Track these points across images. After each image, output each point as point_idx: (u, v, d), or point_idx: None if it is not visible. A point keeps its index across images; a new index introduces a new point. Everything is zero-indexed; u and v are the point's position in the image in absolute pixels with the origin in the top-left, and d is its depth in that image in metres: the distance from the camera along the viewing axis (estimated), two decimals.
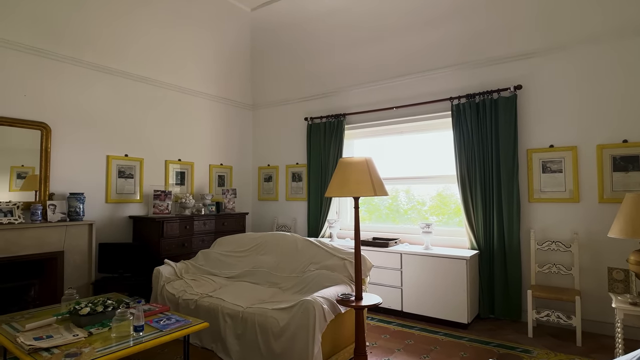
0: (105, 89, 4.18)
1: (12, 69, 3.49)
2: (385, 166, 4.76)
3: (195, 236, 4.50)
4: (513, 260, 3.70)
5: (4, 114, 3.44)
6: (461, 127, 4.02)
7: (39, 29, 3.62)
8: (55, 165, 3.77)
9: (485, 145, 3.89)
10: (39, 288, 3.51)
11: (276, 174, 5.68)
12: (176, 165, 4.92)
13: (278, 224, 5.54)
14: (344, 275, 3.00)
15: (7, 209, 3.34)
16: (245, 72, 5.74)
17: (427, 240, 3.91)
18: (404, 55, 4.43)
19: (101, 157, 4.15)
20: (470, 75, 4.08)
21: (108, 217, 4.18)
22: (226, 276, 3.63)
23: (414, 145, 4.58)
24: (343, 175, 2.42)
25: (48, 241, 3.48)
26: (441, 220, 4.38)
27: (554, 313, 3.23)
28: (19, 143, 3.54)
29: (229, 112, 5.65)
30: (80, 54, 3.94)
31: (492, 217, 3.83)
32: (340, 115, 4.90)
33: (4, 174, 3.47)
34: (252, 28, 5.32)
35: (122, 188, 4.33)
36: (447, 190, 4.38)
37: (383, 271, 3.93)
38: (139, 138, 4.50)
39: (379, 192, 2.37)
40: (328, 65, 5.04)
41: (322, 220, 4.96)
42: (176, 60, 4.81)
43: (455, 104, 4.07)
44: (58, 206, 3.63)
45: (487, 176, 3.88)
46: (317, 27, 4.85)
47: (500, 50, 3.87)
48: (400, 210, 4.68)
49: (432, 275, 3.67)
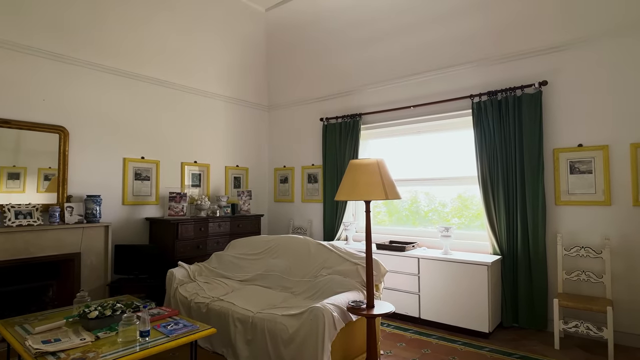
0: (122, 93, 4.23)
1: (32, 74, 3.57)
2: (403, 167, 4.61)
3: (210, 238, 4.50)
4: (538, 266, 3.49)
5: (24, 118, 3.52)
6: (482, 126, 3.84)
7: (58, 34, 3.69)
8: (73, 167, 3.83)
9: (508, 145, 3.69)
10: (57, 289, 3.57)
11: (292, 176, 5.62)
12: (192, 167, 4.94)
13: (294, 226, 5.48)
14: (357, 281, 2.90)
15: (27, 211, 3.42)
16: (261, 73, 5.71)
17: (446, 245, 3.75)
18: (422, 52, 4.28)
19: (118, 160, 4.19)
20: (492, 72, 3.89)
21: (125, 219, 4.23)
22: (238, 279, 3.59)
23: (433, 145, 4.42)
24: (353, 177, 2.32)
25: (65, 243, 3.53)
26: (463, 222, 4.20)
27: (583, 324, 3.02)
28: (41, 146, 3.62)
29: (245, 114, 5.64)
30: (98, 59, 4.00)
31: (516, 220, 3.64)
32: (356, 115, 4.79)
33: (32, 175, 3.57)
34: (267, 28, 5.29)
35: (138, 190, 4.37)
36: (469, 191, 4.19)
37: (400, 276, 3.80)
38: (156, 140, 4.54)
39: (391, 196, 2.25)
40: (344, 64, 4.94)
41: (338, 222, 4.86)
42: (192, 62, 4.83)
43: (475, 101, 3.89)
44: (75, 208, 3.69)
45: (510, 177, 3.68)
46: (332, 25, 4.76)
47: (524, 45, 3.67)
48: (420, 212, 4.52)
49: (451, 282, 3.51)
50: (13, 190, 3.47)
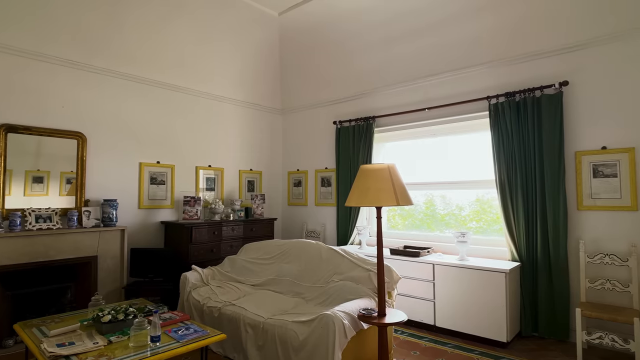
0: (138, 99, 4.30)
1: (51, 81, 3.67)
2: (418, 170, 4.53)
3: (224, 242, 4.52)
4: (559, 274, 3.36)
5: (44, 125, 3.62)
6: (500, 128, 3.73)
7: (76, 43, 3.78)
8: (91, 172, 3.91)
9: (527, 148, 3.58)
10: (75, 291, 3.65)
11: (305, 179, 5.61)
12: (207, 171, 4.98)
13: (307, 230, 5.46)
14: (369, 287, 2.85)
15: (47, 215, 3.50)
16: (274, 76, 5.72)
17: (462, 251, 3.65)
18: (436, 53, 4.20)
19: (134, 164, 4.26)
20: (509, 72, 3.78)
21: (140, 223, 4.29)
22: (251, 284, 3.58)
23: (449, 147, 4.32)
24: (364, 183, 2.28)
25: (83, 246, 3.61)
26: (481, 227, 4.09)
27: (607, 335, 2.88)
28: (61, 151, 3.71)
29: (259, 117, 5.66)
30: (115, 66, 4.08)
31: (536, 225, 3.51)
32: (370, 117, 4.74)
33: (55, 179, 3.67)
34: (280, 32, 5.30)
35: (154, 194, 4.43)
36: (487, 195, 4.08)
37: (414, 282, 3.72)
38: (171, 145, 4.60)
39: (402, 202, 2.20)
40: (357, 67, 4.90)
41: (351, 226, 4.81)
42: (206, 68, 4.87)
43: (493, 103, 3.79)
44: (92, 212, 3.77)
45: (530, 181, 3.56)
46: (345, 28, 4.73)
47: (543, 44, 3.55)
48: (436, 216, 4.43)
49: (467, 289, 3.41)
50: (37, 194, 3.58)
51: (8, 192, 3.41)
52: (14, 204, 3.43)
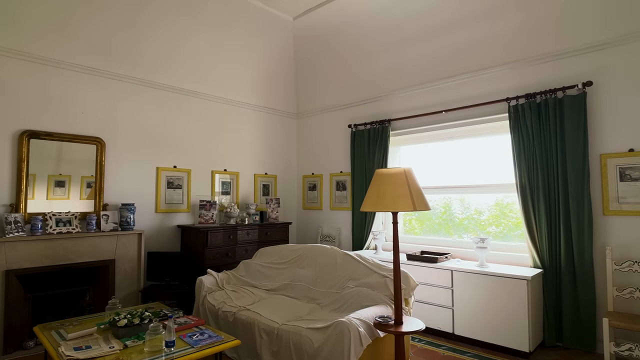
0: (156, 104, 4.36)
1: (73, 88, 3.75)
2: (435, 174, 4.45)
3: (239, 246, 4.52)
4: (584, 281, 3.23)
5: (65, 131, 3.70)
6: (520, 131, 3.62)
7: (96, 51, 3.86)
8: (109, 177, 3.97)
9: (548, 151, 3.46)
10: (93, 294, 3.70)
11: (320, 183, 5.58)
12: (222, 175, 5.01)
13: (322, 234, 5.42)
14: (385, 294, 2.79)
15: (67, 219, 3.57)
16: (289, 80, 5.73)
17: (481, 257, 3.55)
18: (453, 54, 4.12)
19: (151, 169, 4.31)
20: (530, 73, 3.68)
21: (157, 227, 4.33)
22: (265, 288, 3.56)
23: (467, 150, 4.23)
24: (379, 188, 2.23)
25: (101, 249, 3.66)
26: (500, 231, 3.97)
27: (638, 347, 2.74)
28: (81, 155, 3.79)
29: (274, 121, 5.67)
30: (133, 72, 4.15)
31: (559, 231, 3.39)
32: (385, 121, 4.68)
33: (75, 183, 3.75)
34: (294, 37, 5.30)
35: (170, 198, 4.47)
36: (507, 198, 3.96)
37: (432, 289, 3.64)
38: (187, 149, 4.64)
39: (419, 207, 2.14)
40: (372, 70, 4.85)
41: (367, 231, 4.75)
42: (222, 73, 4.91)
43: (512, 105, 3.69)
44: (111, 216, 3.82)
45: (552, 185, 3.44)
46: (360, 31, 4.70)
47: (565, 43, 3.44)
48: (455, 220, 4.33)
49: (487, 296, 3.31)
50: (59, 197, 3.65)
51: (31, 195, 3.49)
52: (37, 208, 3.51)
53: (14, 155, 3.43)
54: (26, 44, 3.47)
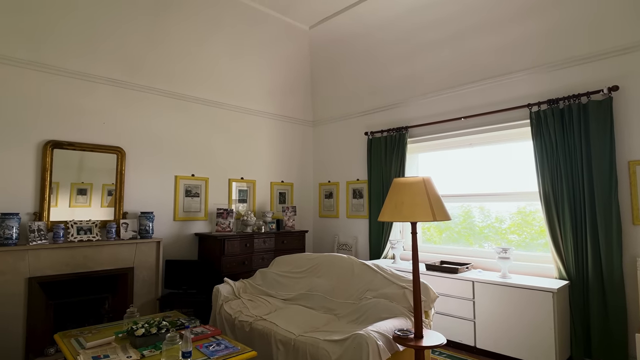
0: (174, 114, 4.43)
1: (94, 99, 3.84)
2: (455, 182, 4.36)
3: (255, 254, 4.51)
4: (614, 294, 3.08)
5: (86, 141, 3.78)
6: (543, 138, 3.52)
7: (118, 62, 3.95)
8: (129, 185, 4.04)
9: (573, 158, 3.34)
10: (112, 301, 3.74)
11: (336, 191, 5.54)
12: (239, 183, 5.03)
13: (339, 243, 5.37)
14: (404, 306, 2.72)
15: (87, 227, 3.63)
16: (305, 89, 5.74)
17: (504, 267, 3.44)
18: (472, 60, 4.05)
19: (170, 178, 4.37)
20: (552, 78, 3.58)
21: (175, 235, 4.37)
22: (282, 298, 3.53)
23: (487, 158, 4.13)
24: (397, 197, 2.19)
25: (120, 257, 3.70)
26: (523, 240, 3.85)
27: None
28: (102, 164, 3.87)
29: (290, 130, 5.69)
30: (153, 83, 4.23)
31: (585, 241, 3.26)
32: (402, 128, 4.63)
33: (97, 191, 3.83)
34: (310, 45, 5.32)
35: (188, 206, 4.51)
36: (529, 206, 3.84)
37: (452, 300, 3.54)
38: (205, 158, 4.69)
39: (439, 217, 2.09)
40: (389, 76, 4.82)
41: (384, 240, 4.68)
42: (239, 82, 4.96)
43: (534, 111, 3.59)
44: (130, 224, 3.87)
45: (577, 193, 3.32)
46: (376, 38, 4.67)
47: (589, 47, 3.34)
48: (475, 229, 4.22)
49: (511, 308, 3.20)
50: (81, 205, 3.73)
51: (54, 203, 3.58)
52: (59, 215, 3.59)
53: (38, 165, 3.52)
54: (51, 57, 3.57)
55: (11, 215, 3.20)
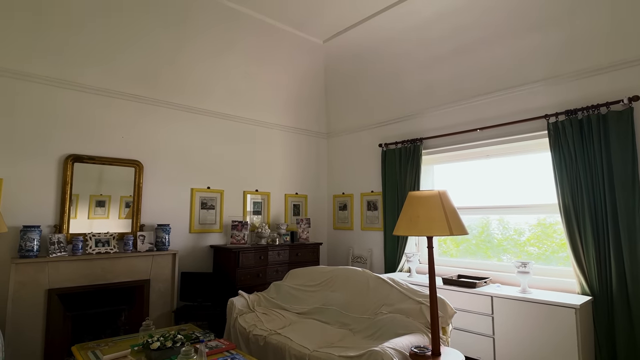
0: (191, 127, 4.51)
1: (114, 114, 3.95)
2: (471, 193, 4.29)
3: (270, 267, 4.51)
4: None
5: (106, 155, 3.87)
6: (561, 149, 3.45)
7: (136, 78, 4.06)
8: (146, 198, 4.10)
9: (593, 169, 3.26)
10: (128, 313, 3.77)
11: (351, 202, 5.52)
12: (254, 196, 5.06)
13: (353, 255, 5.33)
14: (421, 322, 2.67)
15: (105, 239, 3.70)
16: (319, 101, 5.79)
17: (523, 282, 3.35)
18: (488, 71, 4.02)
19: (186, 190, 4.42)
20: (569, 88, 3.52)
21: (191, 247, 4.41)
22: (296, 311, 3.51)
23: (504, 169, 4.06)
24: (413, 211, 2.16)
25: (137, 270, 3.75)
26: (543, 253, 3.75)
27: None
28: (120, 177, 3.95)
29: (304, 142, 5.72)
30: (171, 98, 4.32)
31: (608, 255, 3.15)
32: (417, 139, 4.60)
33: (115, 203, 3.91)
34: (324, 59, 5.38)
35: (204, 218, 4.55)
36: (550, 218, 3.75)
37: (470, 316, 3.46)
38: (220, 170, 4.74)
39: (456, 231, 2.05)
40: (403, 88, 4.82)
41: (400, 252, 4.62)
42: (254, 96, 5.03)
43: (552, 122, 3.53)
44: (147, 237, 3.92)
45: (598, 205, 3.22)
46: (390, 50, 4.70)
47: (607, 57, 3.28)
48: (493, 241, 4.13)
49: (532, 325, 3.10)
50: (99, 216, 3.81)
51: (74, 215, 3.65)
52: (78, 226, 3.67)
53: (59, 178, 3.61)
54: (74, 74, 3.70)
55: (33, 227, 3.28)
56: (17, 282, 3.14)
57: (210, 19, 4.33)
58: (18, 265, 3.15)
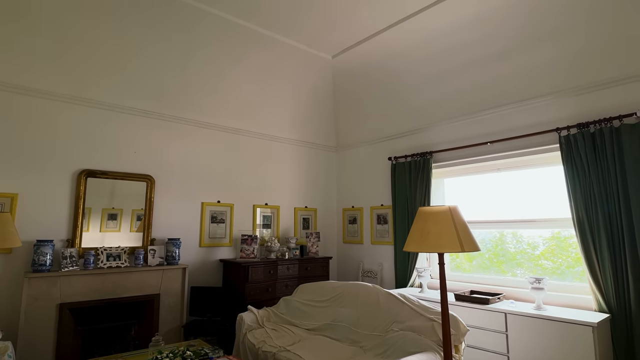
0: (201, 142, 4.57)
1: (126, 129, 4.02)
2: (482, 207, 4.24)
3: (279, 281, 4.48)
4: None
5: (118, 169, 3.94)
6: (574, 162, 3.40)
7: (149, 94, 4.14)
8: (157, 212, 4.14)
9: (607, 183, 3.20)
10: (138, 328, 3.77)
11: (360, 216, 5.49)
12: (264, 209, 5.07)
13: (363, 269, 5.27)
14: (433, 339, 2.61)
15: (117, 254, 3.73)
16: (328, 115, 5.82)
17: (538, 298, 3.27)
18: (498, 84, 4.01)
19: (197, 204, 4.46)
20: (581, 101, 3.48)
21: (201, 261, 4.42)
22: (306, 327, 3.47)
23: (516, 183, 4.02)
24: (423, 226, 2.14)
25: (147, 284, 3.76)
26: (558, 267, 3.66)
27: None
28: (132, 190, 4.00)
29: (314, 155, 5.74)
30: (182, 113, 4.39)
31: (625, 271, 3.07)
32: (427, 153, 4.58)
33: (127, 216, 3.95)
34: (333, 74, 5.43)
35: (214, 232, 4.57)
36: (564, 232, 3.67)
37: (484, 333, 3.38)
38: (230, 184, 4.77)
39: (468, 248, 2.02)
40: (412, 102, 4.83)
41: (411, 267, 4.56)
42: (263, 110, 5.09)
43: (563, 135, 3.49)
44: (157, 251, 3.94)
45: (614, 220, 3.16)
46: (399, 65, 4.72)
47: (619, 69, 3.25)
48: (506, 255, 4.05)
49: (548, 343, 3.02)
50: (111, 229, 3.85)
51: (86, 228, 3.70)
52: (91, 240, 3.71)
53: (73, 193, 3.67)
54: (87, 91, 3.79)
55: (46, 242, 3.33)
56: (30, 296, 3.17)
57: (221, 35, 4.42)
58: (31, 279, 3.18)
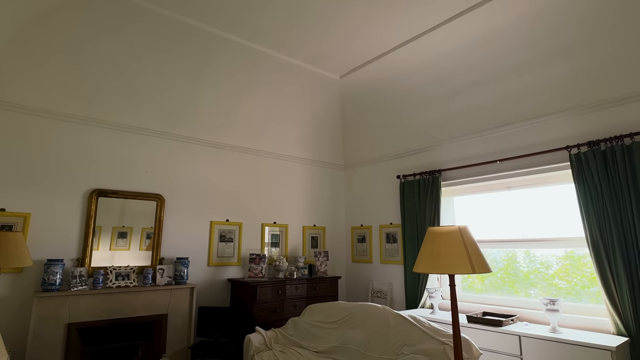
0: (211, 161, 4.62)
1: (137, 150, 4.09)
2: (493, 226, 4.18)
3: (287, 301, 4.43)
4: None
5: (129, 189, 3.99)
6: (585, 181, 3.35)
7: (160, 115, 4.23)
8: (167, 232, 4.16)
9: (621, 202, 3.14)
10: (145, 349, 3.74)
11: (369, 235, 5.45)
12: (272, 228, 5.07)
13: (373, 290, 5.20)
14: None
15: (125, 273, 3.73)
16: (336, 134, 5.86)
17: (553, 320, 3.18)
18: (506, 102, 4.02)
19: (205, 223, 4.47)
20: (591, 119, 3.46)
21: (209, 280, 4.40)
22: (314, 350, 3.40)
23: (527, 201, 3.96)
24: (433, 247, 2.12)
25: (155, 304, 3.75)
26: (573, 287, 3.57)
27: None
28: (142, 209, 4.04)
29: (322, 174, 5.75)
30: (192, 133, 4.46)
31: None
32: (435, 171, 4.56)
33: (136, 234, 3.99)
34: (341, 93, 5.49)
35: (222, 251, 4.57)
36: (579, 250, 3.59)
37: (497, 357, 3.28)
38: (239, 203, 4.79)
39: (479, 269, 1.99)
40: (420, 120, 4.84)
41: (421, 288, 4.48)
42: (271, 130, 5.14)
43: (574, 153, 3.46)
44: (166, 270, 3.95)
45: (629, 240, 3.08)
46: (407, 83, 4.76)
47: (629, 87, 3.23)
48: (519, 274, 3.96)
49: None
50: (121, 248, 3.88)
51: (96, 246, 3.73)
52: (100, 258, 3.74)
53: (84, 212, 3.72)
54: (98, 112, 3.88)
55: (56, 261, 3.35)
56: (38, 316, 3.18)
57: (231, 57, 4.52)
58: (40, 299, 3.20)
